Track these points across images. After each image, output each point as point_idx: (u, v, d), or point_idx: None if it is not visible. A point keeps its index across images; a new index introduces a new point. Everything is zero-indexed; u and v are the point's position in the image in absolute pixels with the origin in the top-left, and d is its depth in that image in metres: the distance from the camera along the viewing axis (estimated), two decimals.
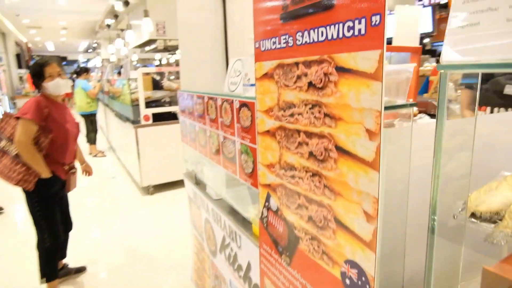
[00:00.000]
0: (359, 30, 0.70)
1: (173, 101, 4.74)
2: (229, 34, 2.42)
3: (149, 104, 4.42)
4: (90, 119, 6.48)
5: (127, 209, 4.21)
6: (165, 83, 5.49)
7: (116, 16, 8.07)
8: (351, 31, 0.72)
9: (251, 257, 1.40)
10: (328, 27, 0.78)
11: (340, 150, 0.80)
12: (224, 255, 1.70)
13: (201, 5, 2.31)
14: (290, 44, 0.93)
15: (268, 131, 1.11)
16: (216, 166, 1.77)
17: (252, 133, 1.24)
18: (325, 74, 0.81)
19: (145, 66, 9.62)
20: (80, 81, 6.19)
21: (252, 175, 1.28)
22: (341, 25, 0.74)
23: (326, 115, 0.83)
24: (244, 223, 1.51)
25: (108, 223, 3.85)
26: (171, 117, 4.59)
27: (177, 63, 4.84)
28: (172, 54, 9.81)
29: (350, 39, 0.72)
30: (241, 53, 2.52)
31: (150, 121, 4.36)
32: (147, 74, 5.08)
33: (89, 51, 18.97)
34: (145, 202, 4.41)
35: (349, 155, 0.78)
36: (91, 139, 6.68)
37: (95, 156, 6.65)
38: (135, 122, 4.42)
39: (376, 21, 0.65)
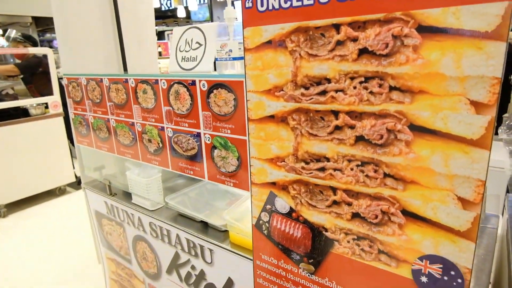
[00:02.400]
0: None
1: (20, 94, 3.67)
2: (120, 7, 1.92)
3: None
4: None
5: None
6: None
7: None
8: None
9: (232, 273, 1.15)
10: None
11: (418, 129, 0.66)
12: (177, 276, 1.37)
13: None
14: (322, 1, 0.71)
15: (271, 117, 0.87)
16: (151, 168, 1.39)
17: (236, 122, 0.97)
18: (396, 37, 0.64)
19: None
20: None
21: (237, 173, 1.02)
22: None
23: (394, 88, 0.67)
24: (211, 232, 1.23)
25: None
26: (19, 114, 3.54)
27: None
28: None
29: None
30: (135, 29, 2.06)
31: None
32: None
33: None
34: None
35: (434, 135, 0.65)
36: None
37: None
38: None
39: None
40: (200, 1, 10.02)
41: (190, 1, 6.97)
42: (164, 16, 9.99)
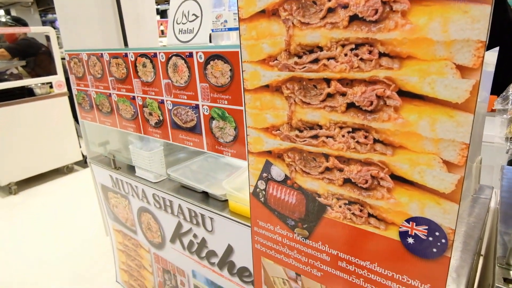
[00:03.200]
0: None
1: (24, 74, 3.70)
2: None
3: None
4: None
5: None
6: None
7: None
8: None
9: (232, 240, 1.20)
10: None
11: (406, 94, 0.68)
12: (180, 244, 1.43)
13: None
14: None
15: (266, 86, 0.89)
16: (153, 142, 1.43)
17: (232, 93, 0.99)
18: (385, 3, 0.65)
19: None
20: None
21: (235, 144, 1.05)
22: None
23: (383, 54, 0.68)
24: (211, 202, 1.28)
25: None
26: (24, 94, 3.59)
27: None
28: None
29: None
30: (134, 5, 2.06)
31: None
32: None
33: None
34: (9, 205, 3.45)
35: (421, 100, 0.66)
36: None
37: None
38: None
39: None
40: None
41: None
42: None
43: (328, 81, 0.78)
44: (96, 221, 2.80)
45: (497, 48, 1.08)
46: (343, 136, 0.80)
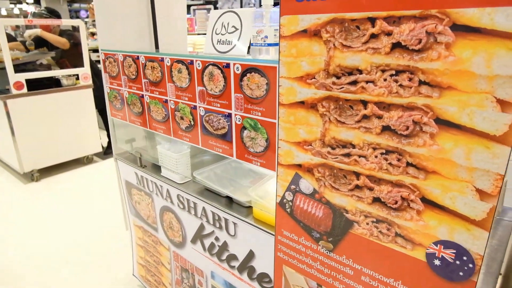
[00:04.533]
0: None
1: (52, 64, 3.81)
2: None
3: (19, 67, 3.43)
4: None
5: (7, 204, 3.33)
6: (27, 32, 3.96)
7: None
8: None
9: (254, 246, 1.24)
10: None
11: (444, 123, 0.70)
12: (201, 245, 1.48)
13: None
14: None
15: (301, 102, 0.92)
16: (181, 144, 1.47)
17: (267, 105, 1.02)
18: (429, 34, 0.67)
19: None
20: None
21: (265, 154, 1.08)
22: None
23: (423, 82, 0.70)
24: (235, 207, 1.31)
25: None
26: (52, 84, 3.70)
27: (41, 15, 3.79)
28: (31, 3, 7.88)
29: None
30: (167, 7, 2.11)
31: (25, 90, 3.42)
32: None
33: None
34: (31, 191, 3.57)
35: (459, 129, 0.68)
36: None
37: None
38: (2, 92, 3.41)
39: None
40: None
41: None
42: None
43: (365, 103, 0.80)
44: (116, 213, 2.88)
45: None
46: (376, 156, 0.82)
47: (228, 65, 1.08)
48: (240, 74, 1.06)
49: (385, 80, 0.76)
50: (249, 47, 1.07)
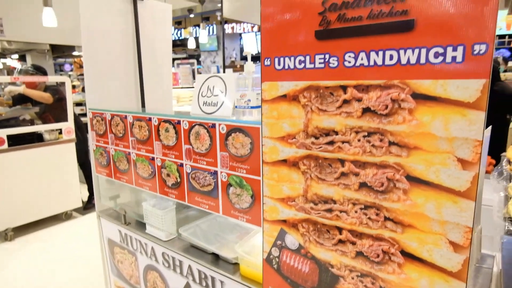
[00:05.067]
0: (454, 58, 0.67)
1: (35, 119, 3.82)
2: (141, 42, 2.09)
3: (1, 123, 3.43)
4: None
5: None
6: (8, 88, 3.88)
7: None
8: (440, 58, 0.69)
9: None
10: (402, 51, 0.73)
11: (414, 180, 0.76)
12: None
13: (108, 8, 1.92)
14: (332, 65, 0.83)
15: (284, 161, 0.98)
16: (166, 200, 1.49)
17: (251, 163, 1.08)
18: (394, 100, 0.76)
19: None
20: None
21: (250, 210, 1.11)
22: (424, 50, 0.70)
23: (392, 143, 0.78)
24: (221, 264, 1.30)
25: None
26: (34, 139, 3.68)
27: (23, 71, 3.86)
28: (16, 59, 8.04)
29: (437, 66, 0.69)
30: (154, 65, 2.22)
31: (5, 146, 3.38)
32: None
33: None
34: (3, 252, 3.38)
35: (428, 185, 0.74)
36: None
37: None
38: None
39: (480, 50, 0.64)
40: (209, 33, 10.46)
41: (201, 34, 7.30)
42: (174, 44, 10.40)
43: (342, 161, 0.86)
44: (96, 274, 2.74)
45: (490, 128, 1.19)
46: (356, 212, 0.86)
47: (214, 125, 1.14)
48: (225, 133, 1.12)
49: (359, 140, 0.83)
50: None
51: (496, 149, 1.99)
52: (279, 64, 0.93)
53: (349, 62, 0.80)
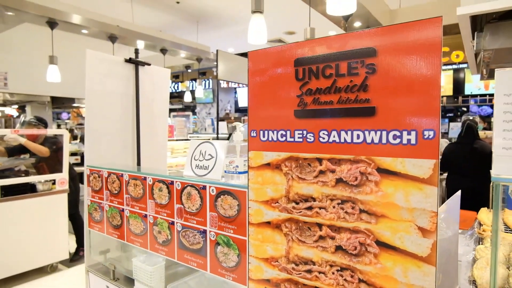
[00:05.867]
0: (408, 140, 0.80)
1: (30, 169, 3.87)
2: (140, 103, 2.25)
3: None
4: None
5: None
6: (9, 136, 3.98)
7: None
8: (398, 140, 0.81)
9: None
10: (367, 132, 0.85)
11: (383, 245, 0.84)
12: None
13: (112, 72, 2.10)
14: (309, 140, 0.96)
15: (268, 223, 1.06)
16: (156, 257, 1.53)
17: (238, 224, 1.15)
18: (362, 173, 0.87)
19: None
20: None
21: (237, 269, 1.17)
22: (384, 132, 0.83)
23: (362, 211, 0.87)
24: None
25: None
26: (27, 189, 3.70)
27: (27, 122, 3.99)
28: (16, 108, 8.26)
29: (396, 146, 0.81)
30: (151, 123, 2.36)
31: None
32: None
33: None
34: None
35: (395, 250, 0.83)
36: None
37: None
38: None
39: (429, 135, 0.77)
40: (205, 87, 10.93)
41: (198, 89, 7.66)
42: (171, 96, 10.78)
43: (320, 225, 0.95)
44: None
45: (459, 192, 1.29)
46: (333, 273, 0.93)
47: (204, 187, 1.23)
48: (215, 195, 1.21)
49: (334, 207, 0.92)
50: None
51: (479, 204, 2.08)
52: (263, 136, 1.06)
53: (324, 138, 0.93)
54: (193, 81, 11.25)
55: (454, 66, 6.99)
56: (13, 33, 5.59)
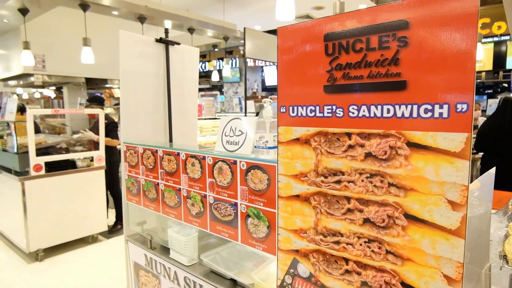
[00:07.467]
0: (440, 114, 0.79)
1: (70, 147, 4.11)
2: (171, 82, 2.31)
3: (40, 150, 3.72)
4: None
5: (9, 284, 3.31)
6: (85, 134, 4.31)
7: None
8: (429, 113, 0.80)
9: None
10: (398, 106, 0.85)
11: (411, 218, 0.86)
12: None
13: (144, 52, 2.16)
14: (339, 115, 0.97)
15: (297, 196, 1.09)
16: (190, 228, 1.61)
17: (268, 197, 1.20)
18: (392, 148, 0.87)
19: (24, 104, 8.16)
20: None
21: (266, 240, 1.22)
22: (415, 106, 0.82)
23: (391, 184, 0.88)
24: None
25: None
26: (68, 165, 3.94)
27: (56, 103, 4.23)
28: (53, 89, 8.66)
29: (427, 120, 0.81)
30: (181, 102, 2.42)
31: (43, 172, 3.65)
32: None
33: None
34: (34, 271, 3.56)
35: (423, 223, 0.84)
36: None
37: None
38: (21, 173, 3.64)
39: (462, 108, 0.76)
40: (232, 66, 10.92)
41: (225, 68, 7.68)
42: (199, 76, 10.88)
43: (348, 198, 0.97)
44: None
45: (493, 169, 1.26)
46: (361, 244, 0.96)
47: (235, 162, 1.28)
48: (245, 170, 1.25)
49: (362, 181, 0.94)
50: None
51: None
52: (293, 112, 1.07)
53: (353, 113, 0.93)
54: (220, 60, 11.26)
55: (495, 39, 6.55)
56: (49, 17, 5.80)
